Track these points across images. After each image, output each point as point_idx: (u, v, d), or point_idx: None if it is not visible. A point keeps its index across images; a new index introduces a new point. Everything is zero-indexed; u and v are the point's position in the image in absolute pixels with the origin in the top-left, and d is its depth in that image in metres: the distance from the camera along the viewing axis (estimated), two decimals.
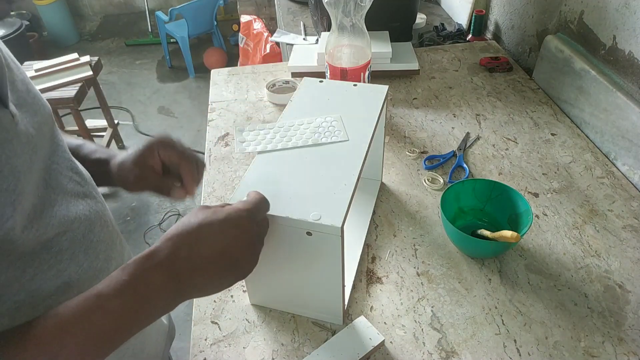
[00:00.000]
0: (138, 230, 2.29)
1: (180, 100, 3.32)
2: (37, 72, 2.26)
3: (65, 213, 0.50)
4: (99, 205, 0.57)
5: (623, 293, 0.70)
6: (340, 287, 0.62)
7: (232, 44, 3.84)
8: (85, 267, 0.53)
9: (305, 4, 1.71)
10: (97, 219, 0.56)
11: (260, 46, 2.62)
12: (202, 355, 0.66)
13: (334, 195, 0.58)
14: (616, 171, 0.92)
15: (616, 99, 0.92)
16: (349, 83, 0.80)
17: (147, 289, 0.43)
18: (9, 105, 0.45)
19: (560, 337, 0.65)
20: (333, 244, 0.56)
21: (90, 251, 0.54)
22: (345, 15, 0.88)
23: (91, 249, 0.54)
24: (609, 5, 0.95)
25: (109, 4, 4.48)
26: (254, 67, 1.32)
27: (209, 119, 1.13)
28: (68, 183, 0.53)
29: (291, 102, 0.76)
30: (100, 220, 0.57)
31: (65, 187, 0.52)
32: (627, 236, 0.79)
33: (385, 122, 0.82)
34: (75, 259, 0.52)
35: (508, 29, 1.36)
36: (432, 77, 1.24)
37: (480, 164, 0.95)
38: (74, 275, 0.52)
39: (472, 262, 0.76)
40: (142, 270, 0.43)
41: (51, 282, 0.49)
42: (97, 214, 0.56)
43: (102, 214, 0.58)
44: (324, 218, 0.55)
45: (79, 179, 0.55)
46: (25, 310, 0.47)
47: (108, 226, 0.59)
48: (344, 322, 0.68)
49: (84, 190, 0.55)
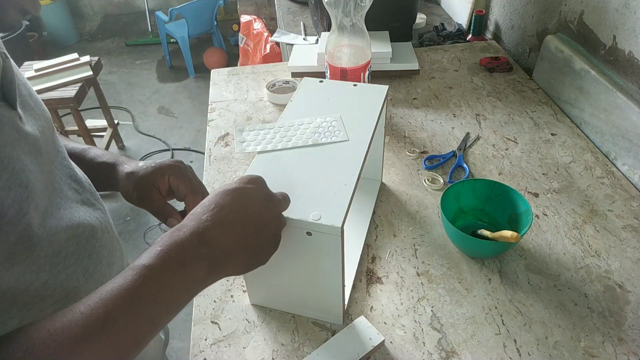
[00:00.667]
0: (138, 230, 2.29)
1: (180, 100, 3.32)
2: (37, 72, 2.26)
3: (69, 217, 0.51)
4: (98, 212, 0.58)
5: (623, 293, 0.70)
6: (340, 287, 0.62)
7: (232, 44, 3.84)
8: (90, 271, 0.54)
9: (305, 4, 1.71)
10: (99, 224, 0.56)
11: (260, 46, 2.62)
12: (202, 355, 0.66)
13: (334, 195, 0.58)
14: (616, 171, 0.92)
15: (616, 99, 0.92)
16: (349, 83, 0.80)
17: (180, 253, 0.43)
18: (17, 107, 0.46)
19: (560, 337, 0.65)
20: (333, 244, 0.56)
21: (94, 256, 0.55)
22: (345, 15, 0.88)
23: (94, 254, 0.55)
24: (609, 5, 0.95)
25: (109, 4, 4.48)
26: (254, 67, 1.32)
27: (209, 119, 1.13)
28: (67, 190, 0.53)
29: (291, 102, 0.76)
30: (102, 226, 0.57)
31: (66, 193, 0.53)
32: (627, 236, 0.79)
33: (385, 122, 0.82)
34: (82, 264, 0.52)
35: (508, 29, 1.36)
36: (432, 77, 1.24)
37: (480, 164, 0.95)
38: (81, 279, 0.52)
39: (472, 262, 0.76)
40: (173, 238, 0.44)
41: (62, 287, 0.50)
42: (98, 220, 0.57)
43: (102, 220, 0.58)
44: (324, 218, 0.55)
45: (77, 187, 0.56)
46: (34, 313, 0.47)
47: (109, 232, 0.59)
48: (344, 322, 0.68)
49: (82, 198, 0.56)
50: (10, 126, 0.44)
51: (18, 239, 0.42)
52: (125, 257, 0.67)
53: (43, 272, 0.47)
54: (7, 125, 0.43)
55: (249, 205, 0.49)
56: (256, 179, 0.52)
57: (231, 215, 0.47)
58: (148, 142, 2.92)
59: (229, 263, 0.47)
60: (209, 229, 0.45)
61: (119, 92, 3.43)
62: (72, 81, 2.24)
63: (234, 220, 0.47)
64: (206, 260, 0.44)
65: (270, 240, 0.51)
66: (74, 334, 0.37)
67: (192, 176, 0.63)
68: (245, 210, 0.48)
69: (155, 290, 0.41)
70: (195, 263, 0.44)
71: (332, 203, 0.57)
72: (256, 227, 0.48)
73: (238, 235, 0.47)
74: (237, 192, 0.49)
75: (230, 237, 0.46)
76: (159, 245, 0.43)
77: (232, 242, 0.46)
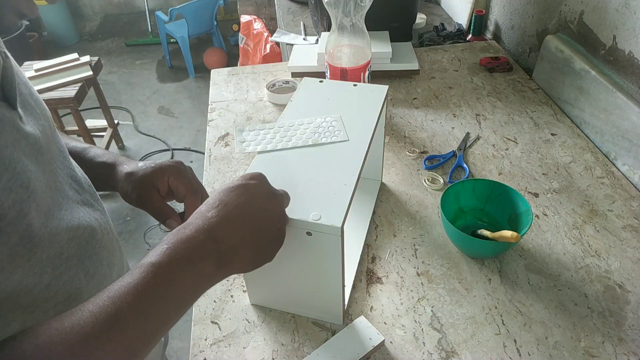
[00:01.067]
0: (138, 230, 2.29)
1: (180, 100, 3.32)
2: (37, 72, 2.26)
3: (70, 218, 0.51)
4: (97, 213, 0.58)
5: (623, 293, 0.70)
6: (340, 287, 0.62)
7: (232, 44, 3.84)
8: (91, 272, 0.54)
9: (305, 4, 1.71)
10: (98, 226, 0.56)
11: (260, 46, 2.62)
12: (202, 355, 0.66)
13: (334, 195, 0.58)
14: (616, 171, 0.92)
15: (616, 99, 0.92)
16: (349, 83, 0.80)
17: (187, 250, 0.43)
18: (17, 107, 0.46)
19: (560, 337, 0.65)
20: (333, 244, 0.56)
21: (95, 257, 0.55)
22: (345, 15, 0.88)
23: (95, 255, 0.55)
24: (609, 5, 0.95)
25: (109, 4, 4.48)
26: (254, 67, 1.32)
27: (209, 119, 1.13)
28: (68, 190, 0.53)
29: (291, 102, 0.76)
30: (101, 227, 0.57)
31: (67, 193, 0.53)
32: (627, 236, 0.79)
33: (385, 122, 0.82)
34: (82, 265, 0.52)
35: (508, 29, 1.36)
36: (432, 77, 1.24)
37: (480, 164, 0.95)
38: (83, 281, 0.52)
39: (472, 262, 0.76)
40: (179, 235, 0.44)
41: (64, 289, 0.50)
42: (98, 221, 0.57)
43: (102, 221, 0.58)
44: (324, 218, 0.55)
45: (77, 187, 0.56)
46: (37, 315, 0.47)
47: (108, 233, 0.59)
48: (344, 322, 0.68)
49: (82, 199, 0.56)
50: (10, 126, 0.43)
51: (19, 240, 0.42)
52: (125, 258, 0.67)
53: (45, 274, 0.47)
54: (8, 126, 0.43)
55: (254, 201, 0.49)
56: (258, 176, 0.52)
57: (236, 211, 0.47)
58: (148, 142, 2.92)
59: (236, 259, 0.47)
60: (215, 226, 0.46)
61: (119, 92, 3.43)
62: (72, 81, 2.24)
63: (239, 215, 0.47)
64: (214, 256, 0.45)
65: (275, 235, 0.51)
66: (84, 333, 0.37)
67: (192, 177, 0.62)
68: (249, 206, 0.48)
69: (164, 287, 0.41)
70: (203, 259, 0.44)
71: (332, 203, 0.57)
72: (261, 222, 0.49)
73: (244, 230, 0.47)
74: (240, 188, 0.49)
75: (237, 233, 0.46)
76: (166, 243, 0.43)
77: (238, 237, 0.47)
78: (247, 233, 0.47)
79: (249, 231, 0.47)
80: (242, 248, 0.47)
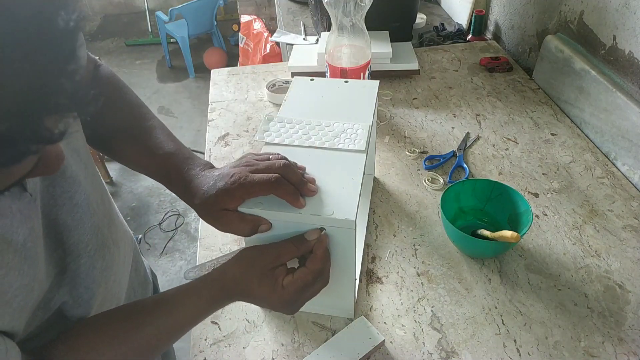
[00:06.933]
0: (138, 230, 2.29)
1: (180, 100, 3.32)
2: None
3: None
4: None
5: (623, 293, 0.71)
6: (352, 280, 0.63)
7: (232, 44, 3.84)
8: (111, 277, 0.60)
9: (305, 4, 1.71)
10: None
11: (260, 46, 2.62)
12: (202, 355, 0.66)
13: (343, 189, 0.58)
14: (616, 171, 0.92)
15: (616, 99, 0.92)
16: (339, 80, 0.80)
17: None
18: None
19: (560, 337, 0.65)
20: (347, 237, 0.57)
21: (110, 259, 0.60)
22: (345, 15, 0.88)
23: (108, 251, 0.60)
24: (609, 5, 0.95)
25: (109, 4, 4.48)
26: (254, 67, 1.32)
27: (209, 119, 1.13)
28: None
29: (285, 101, 0.76)
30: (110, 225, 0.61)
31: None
32: (627, 236, 0.79)
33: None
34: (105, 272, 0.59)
35: (508, 29, 1.36)
36: (432, 77, 1.24)
37: (480, 164, 0.95)
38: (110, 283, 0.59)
39: (472, 262, 0.76)
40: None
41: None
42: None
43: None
44: (337, 213, 0.55)
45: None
46: (56, 327, 0.49)
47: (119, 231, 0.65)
48: (356, 315, 0.68)
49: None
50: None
51: None
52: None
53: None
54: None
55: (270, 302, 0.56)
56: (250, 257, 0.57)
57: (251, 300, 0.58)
58: None
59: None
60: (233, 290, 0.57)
61: None
62: None
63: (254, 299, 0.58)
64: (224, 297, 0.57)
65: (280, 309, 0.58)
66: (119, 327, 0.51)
67: (259, 181, 0.54)
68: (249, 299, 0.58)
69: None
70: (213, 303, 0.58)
71: (343, 197, 0.57)
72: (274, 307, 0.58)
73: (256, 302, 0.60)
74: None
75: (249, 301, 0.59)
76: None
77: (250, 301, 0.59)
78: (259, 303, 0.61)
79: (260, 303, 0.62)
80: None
